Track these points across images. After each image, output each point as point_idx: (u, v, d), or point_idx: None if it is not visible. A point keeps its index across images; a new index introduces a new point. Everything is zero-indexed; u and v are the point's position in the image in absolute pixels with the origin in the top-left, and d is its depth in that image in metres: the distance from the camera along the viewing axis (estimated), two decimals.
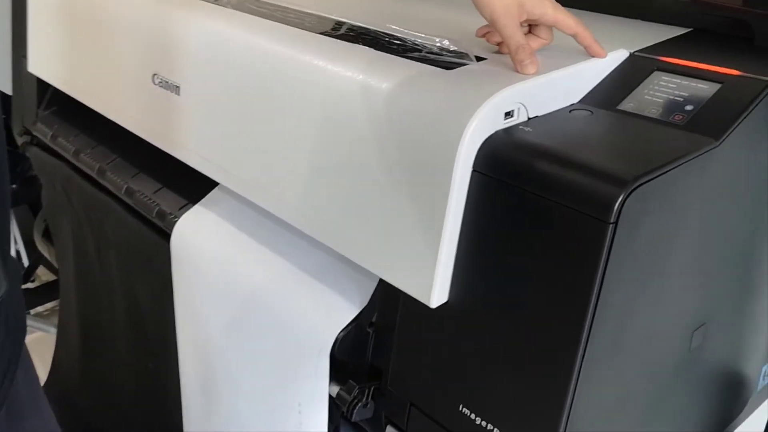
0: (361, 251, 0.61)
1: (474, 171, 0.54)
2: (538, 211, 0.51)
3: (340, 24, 0.73)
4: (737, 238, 0.62)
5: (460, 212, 0.55)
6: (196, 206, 0.83)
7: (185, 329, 0.83)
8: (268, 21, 0.74)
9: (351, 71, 0.61)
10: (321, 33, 0.70)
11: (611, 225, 0.46)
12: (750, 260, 0.66)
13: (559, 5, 0.61)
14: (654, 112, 0.57)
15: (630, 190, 0.47)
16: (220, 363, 0.79)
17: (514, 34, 0.59)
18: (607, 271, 0.48)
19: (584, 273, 0.49)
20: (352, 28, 0.71)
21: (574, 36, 0.61)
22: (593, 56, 0.61)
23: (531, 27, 0.63)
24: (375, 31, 0.69)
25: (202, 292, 0.79)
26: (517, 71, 0.58)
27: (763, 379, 0.79)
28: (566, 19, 0.61)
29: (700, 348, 0.63)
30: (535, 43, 0.62)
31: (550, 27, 0.62)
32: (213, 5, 0.80)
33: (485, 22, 0.61)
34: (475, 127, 0.53)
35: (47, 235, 1.26)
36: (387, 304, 0.63)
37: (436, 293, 0.56)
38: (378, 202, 0.59)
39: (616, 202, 0.46)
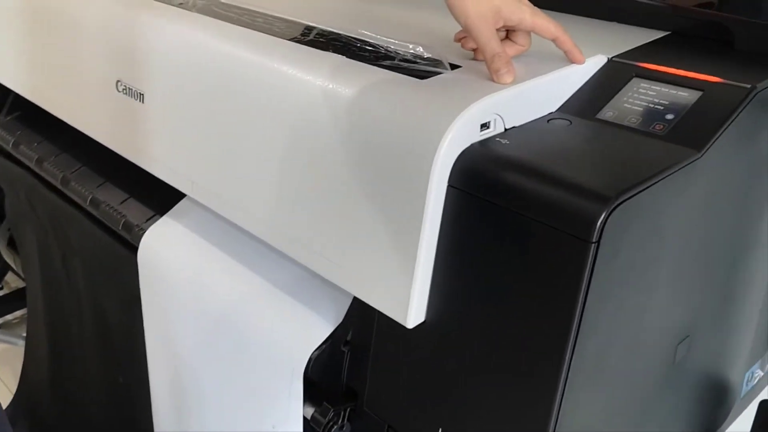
0: (333, 268, 0.59)
1: (450, 186, 0.52)
2: (516, 229, 0.49)
3: (310, 29, 0.70)
4: (720, 247, 0.61)
5: (436, 229, 0.52)
6: (164, 217, 0.80)
7: (154, 346, 0.80)
8: (235, 26, 0.71)
9: (320, 80, 0.59)
10: (290, 39, 0.67)
11: (593, 244, 0.45)
12: (733, 268, 0.65)
13: (537, 10, 0.59)
14: (634, 121, 0.56)
15: (612, 207, 0.45)
16: (191, 381, 0.76)
17: (490, 41, 0.56)
18: (589, 291, 0.47)
19: (566, 293, 0.47)
20: (323, 34, 0.68)
21: (554, 41, 0.59)
22: (572, 62, 0.59)
23: (508, 32, 0.61)
24: (346, 37, 0.67)
25: (171, 309, 0.76)
26: (493, 81, 0.56)
27: (747, 384, 0.79)
28: (545, 23, 0.58)
29: (684, 360, 0.61)
30: (511, 49, 0.60)
31: (528, 32, 0.60)
32: (177, 9, 0.77)
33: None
34: (450, 141, 0.51)
35: (12, 243, 1.22)
36: (362, 322, 0.61)
37: (413, 313, 0.54)
38: (350, 217, 0.56)
39: (598, 220, 0.44)
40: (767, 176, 0.63)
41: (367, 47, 0.64)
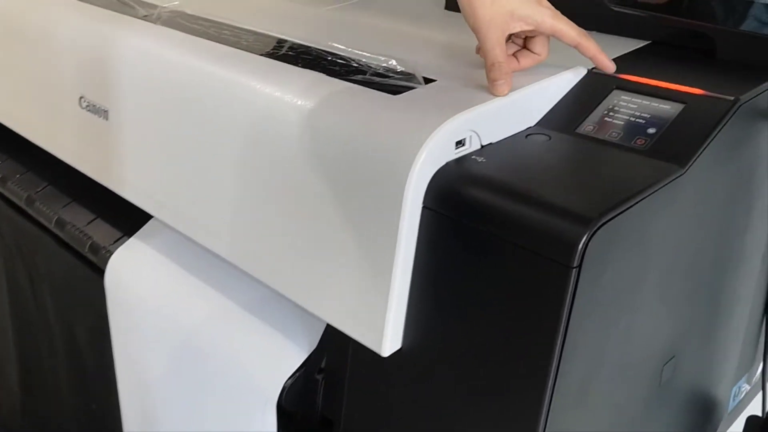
0: (305, 293, 0.56)
1: (425, 207, 0.49)
2: (493, 253, 0.46)
3: (280, 42, 0.67)
4: (706, 263, 0.59)
5: (412, 253, 0.50)
6: (132, 239, 0.77)
7: (125, 373, 0.77)
8: (201, 39, 0.68)
9: (289, 97, 0.56)
10: (258, 53, 0.65)
11: (574, 269, 0.42)
12: (718, 283, 0.63)
13: (558, 13, 0.54)
14: (615, 135, 0.54)
15: (594, 229, 0.43)
16: (162, 410, 0.72)
17: (494, 48, 0.53)
18: (571, 317, 0.44)
19: (547, 320, 0.45)
20: (293, 47, 0.66)
21: (577, 47, 0.55)
22: (601, 69, 0.57)
23: (527, 39, 0.57)
24: (317, 50, 0.64)
25: (140, 335, 0.73)
26: (490, 92, 0.53)
27: (734, 399, 0.77)
28: (566, 28, 0.54)
29: (670, 380, 0.59)
30: (527, 60, 0.56)
31: (547, 39, 0.56)
32: (142, 21, 0.74)
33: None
34: (424, 160, 0.48)
35: None
36: (337, 348, 0.58)
37: (388, 340, 0.51)
38: (321, 240, 0.54)
39: (579, 243, 0.42)
40: (752, 190, 0.61)
41: (338, 61, 0.61)
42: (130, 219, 0.78)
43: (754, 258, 0.68)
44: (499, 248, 0.46)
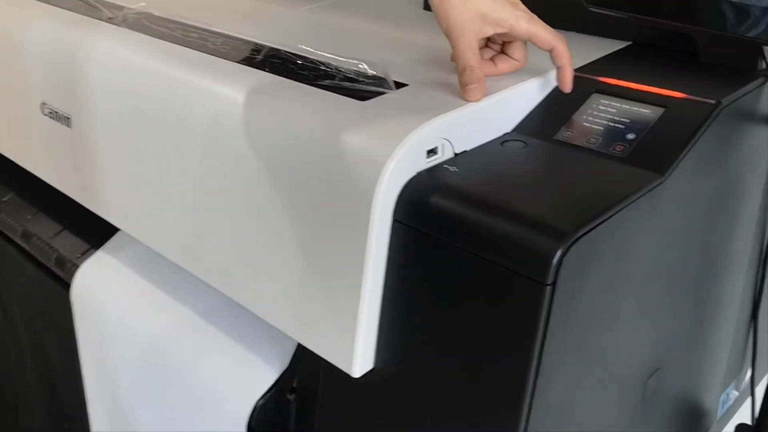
0: (273, 310, 0.54)
1: (395, 221, 0.47)
2: (466, 269, 0.44)
3: (247, 45, 0.65)
4: (690, 271, 0.57)
5: (382, 268, 0.48)
6: (99, 252, 0.74)
7: (94, 391, 0.74)
8: (166, 43, 0.65)
9: (254, 104, 0.53)
10: (225, 57, 0.62)
11: (548, 287, 0.40)
12: (704, 291, 0.61)
13: (535, 17, 0.52)
14: (593, 141, 0.51)
15: (569, 243, 0.41)
16: (131, 429, 0.70)
17: (465, 51, 0.51)
18: (547, 336, 0.42)
19: (522, 339, 0.42)
20: (261, 50, 0.63)
21: (551, 51, 0.53)
22: (559, 82, 0.54)
23: (504, 45, 0.55)
24: (286, 54, 0.61)
25: (108, 352, 0.70)
26: (462, 97, 0.51)
27: (723, 406, 0.75)
28: (542, 32, 0.52)
29: (656, 392, 0.57)
30: (504, 65, 0.54)
31: (524, 44, 0.54)
32: (106, 24, 0.71)
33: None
34: (393, 170, 0.46)
35: None
36: (310, 367, 0.56)
37: (359, 360, 0.49)
38: (288, 255, 0.51)
39: (553, 260, 0.40)
40: (737, 195, 0.60)
41: (307, 65, 0.59)
42: (97, 230, 0.75)
43: (741, 263, 0.66)
44: (471, 264, 0.44)
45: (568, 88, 0.54)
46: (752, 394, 0.74)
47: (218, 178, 0.56)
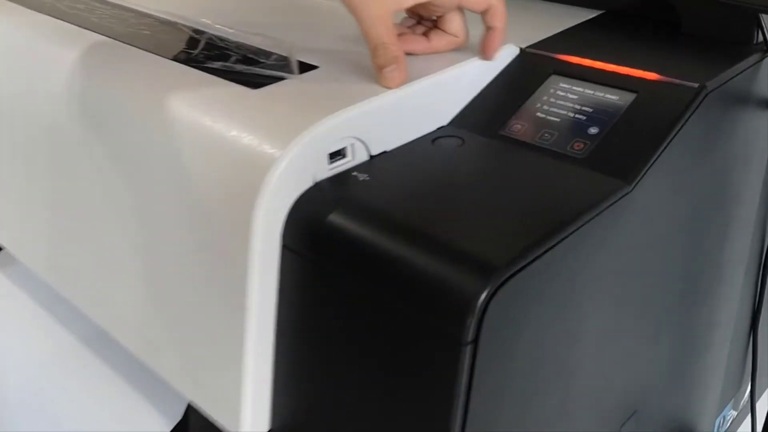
0: (156, 355, 0.43)
1: (284, 247, 0.36)
2: (373, 312, 0.33)
3: (138, 17, 0.53)
4: (668, 290, 0.47)
5: (271, 307, 0.37)
6: None
7: None
8: (41, 15, 0.54)
9: (118, 90, 0.42)
10: (104, 31, 0.50)
11: (468, 346, 0.30)
12: (690, 310, 0.51)
13: None
14: (547, 138, 0.41)
15: (500, 282, 0.30)
16: None
17: (374, 24, 0.40)
18: (472, 399, 0.32)
19: (439, 402, 0.32)
20: (148, 23, 0.52)
21: (485, 13, 0.43)
22: (482, 49, 0.44)
23: (438, 20, 0.45)
24: (182, 27, 0.50)
25: None
26: (378, 83, 0.40)
27: (719, 430, 0.66)
28: None
29: None
30: (441, 41, 0.44)
31: (460, 16, 0.44)
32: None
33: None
34: (279, 180, 0.35)
35: None
36: (204, 421, 0.45)
37: (248, 420, 0.39)
38: (168, 290, 0.41)
39: (474, 309, 0.29)
40: (727, 196, 0.49)
41: (199, 40, 0.48)
42: None
43: (736, 272, 0.56)
44: (378, 306, 0.33)
45: (490, 55, 0.44)
46: (752, 412, 0.65)
47: (77, 183, 0.45)
